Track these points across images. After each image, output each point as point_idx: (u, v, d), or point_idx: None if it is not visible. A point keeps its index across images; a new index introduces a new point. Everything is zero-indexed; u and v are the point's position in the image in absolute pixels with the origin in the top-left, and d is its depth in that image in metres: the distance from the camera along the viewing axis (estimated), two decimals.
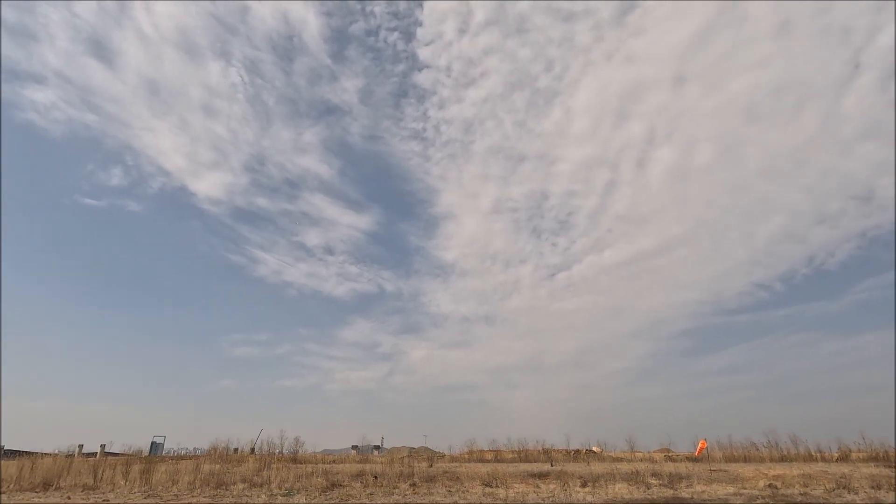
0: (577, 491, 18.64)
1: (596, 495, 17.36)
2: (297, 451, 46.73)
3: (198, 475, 24.33)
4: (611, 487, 19.22)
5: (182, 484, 23.06)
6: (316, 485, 21.14)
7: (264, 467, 28.93)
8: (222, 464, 31.37)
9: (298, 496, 18.41)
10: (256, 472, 25.95)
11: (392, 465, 27.03)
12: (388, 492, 19.17)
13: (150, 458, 41.31)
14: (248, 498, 18.42)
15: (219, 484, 22.70)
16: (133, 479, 24.62)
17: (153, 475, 24.97)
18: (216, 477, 24.06)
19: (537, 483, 21.04)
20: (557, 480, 21.40)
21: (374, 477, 22.96)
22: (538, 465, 35.70)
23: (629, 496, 17.15)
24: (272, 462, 33.26)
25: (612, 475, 22.37)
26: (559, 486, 19.92)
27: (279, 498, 18.10)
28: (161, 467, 27.36)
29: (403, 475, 23.55)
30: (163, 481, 23.84)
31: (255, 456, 41.51)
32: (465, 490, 19.28)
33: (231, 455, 42.59)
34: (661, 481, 20.70)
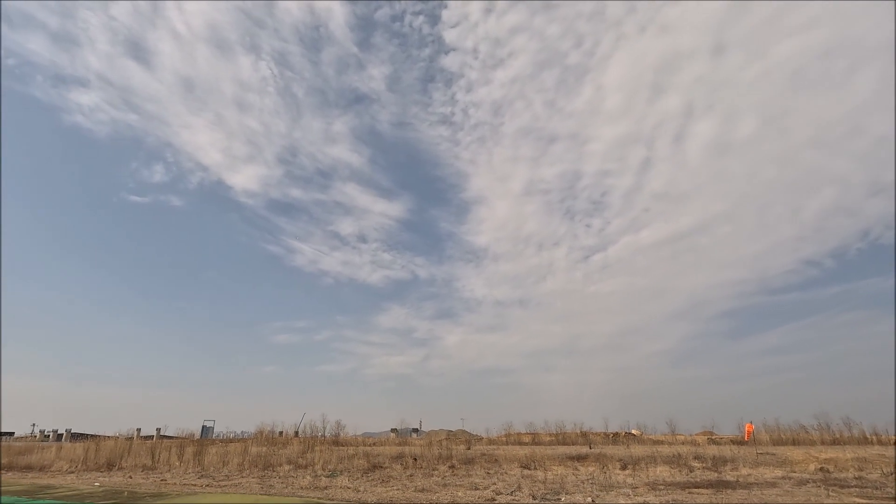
0: (616, 473, 18.49)
1: (636, 478, 17.16)
2: (338, 433, 48.21)
3: (246, 457, 25.47)
4: (652, 470, 18.96)
5: (232, 465, 24.20)
6: (358, 466, 21.77)
7: (308, 449, 29.95)
8: (268, 446, 32.69)
9: (341, 477, 18.99)
10: (301, 455, 26.90)
11: (431, 448, 27.50)
12: (428, 473, 19.53)
13: (202, 440, 43.50)
14: (294, 479, 19.13)
15: (266, 465, 23.70)
16: (187, 460, 26.01)
17: (205, 457, 26.31)
18: (263, 459, 25.12)
19: (576, 465, 20.98)
20: (596, 463, 21.27)
21: (413, 459, 23.41)
22: (576, 448, 35.55)
23: (671, 479, 16.88)
24: (315, 444, 34.39)
25: (652, 458, 22.05)
26: (598, 468, 19.80)
27: (323, 479, 18.73)
28: (212, 449, 28.78)
29: (442, 457, 23.93)
30: (214, 462, 25.08)
31: (299, 439, 43.01)
32: (503, 472, 19.43)
33: (276, 438, 44.32)
34: (705, 464, 20.26)
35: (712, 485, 15.27)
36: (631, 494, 13.49)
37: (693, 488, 14.71)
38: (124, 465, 26.31)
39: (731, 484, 15.51)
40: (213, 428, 69.41)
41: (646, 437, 52.37)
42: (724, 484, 15.47)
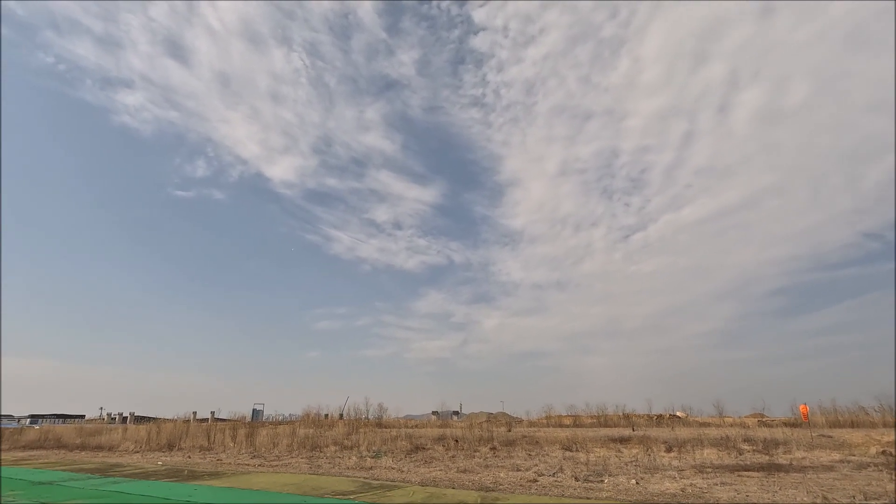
0: (661, 456, 18.18)
1: (682, 460, 16.83)
2: (381, 416, 49.53)
3: (294, 438, 26.56)
4: (698, 453, 18.54)
5: (282, 446, 25.31)
6: (401, 447, 22.31)
7: (353, 431, 30.92)
8: (315, 428, 33.95)
9: (385, 458, 19.52)
10: (346, 436, 27.80)
11: (472, 430, 27.86)
12: (470, 455, 19.80)
13: (253, 423, 45.63)
14: (340, 459, 19.82)
15: (313, 446, 24.65)
16: (240, 441, 27.38)
17: (256, 438, 27.61)
18: (310, 440, 26.13)
19: (619, 448, 20.77)
20: (640, 445, 20.97)
21: (455, 441, 23.78)
22: (619, 430, 35.16)
23: (719, 462, 16.45)
24: (359, 426, 35.48)
25: (699, 440, 21.54)
26: (642, 450, 19.53)
27: (368, 459, 19.31)
28: (262, 431, 30.15)
29: (483, 439, 24.20)
30: (265, 443, 26.29)
31: (343, 421, 44.46)
32: (544, 454, 19.47)
33: (322, 420, 45.94)
34: (755, 447, 19.63)
35: (764, 468, 14.79)
36: (677, 477, 13.25)
37: (743, 471, 14.29)
38: (183, 445, 27.95)
39: (784, 467, 14.98)
40: (262, 411, 72.69)
41: (691, 419, 51.19)
42: (777, 467, 14.96)
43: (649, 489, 11.65)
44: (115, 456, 24.77)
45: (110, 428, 42.96)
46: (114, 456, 24.78)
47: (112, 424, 62.31)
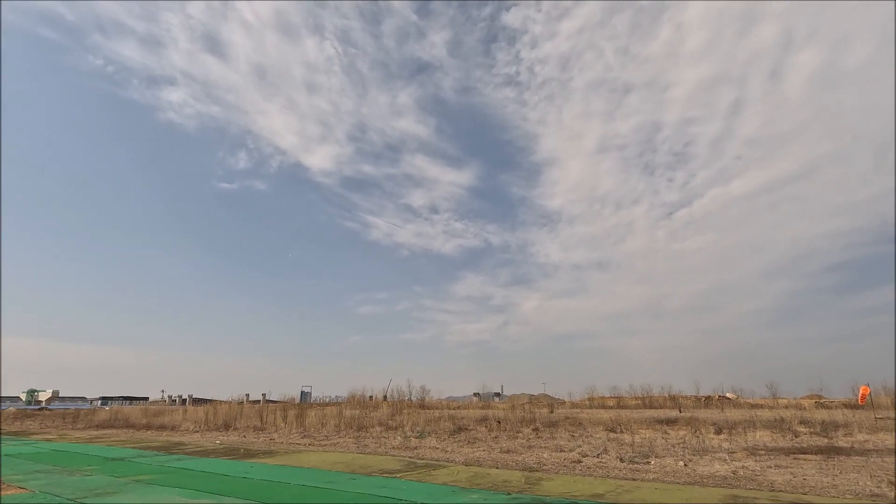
0: (710, 438, 17.71)
1: (733, 442, 16.34)
2: (423, 398, 50.39)
3: (341, 419, 27.50)
4: (750, 435, 17.94)
5: (330, 426, 26.27)
6: (444, 428, 22.71)
7: (396, 412, 31.70)
8: (361, 409, 35.02)
9: (429, 438, 19.94)
10: (390, 417, 28.54)
11: (514, 411, 28.01)
12: (512, 436, 19.94)
13: (302, 404, 47.51)
14: (386, 439, 20.39)
15: (359, 427, 25.46)
16: (290, 421, 28.60)
17: (305, 419, 28.76)
18: (357, 421, 26.99)
19: (665, 429, 20.37)
20: (688, 427, 20.49)
21: (497, 422, 23.98)
22: (665, 412, 34.46)
23: (773, 444, 15.87)
24: (403, 408, 36.31)
25: (751, 422, 20.83)
26: (690, 432, 19.08)
27: (412, 439, 19.78)
28: (311, 412, 31.36)
29: (525, 420, 24.29)
30: (314, 424, 27.36)
31: (387, 402, 45.61)
32: (588, 435, 19.35)
33: (367, 402, 47.30)
34: (813, 429, 18.80)
35: (822, 451, 14.17)
36: (727, 459, 12.89)
37: (799, 454, 13.74)
38: (238, 425, 29.48)
39: (845, 450, 14.29)
40: (310, 393, 75.50)
41: (742, 400, 49.50)
42: (836, 450, 14.29)
43: (698, 471, 11.41)
44: (177, 435, 26.43)
45: (172, 409, 45.83)
46: (176, 435, 26.45)
47: (173, 406, 66.42)
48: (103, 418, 40.26)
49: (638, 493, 9.07)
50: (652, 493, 9.13)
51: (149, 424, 33.43)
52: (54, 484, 10.76)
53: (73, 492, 9.74)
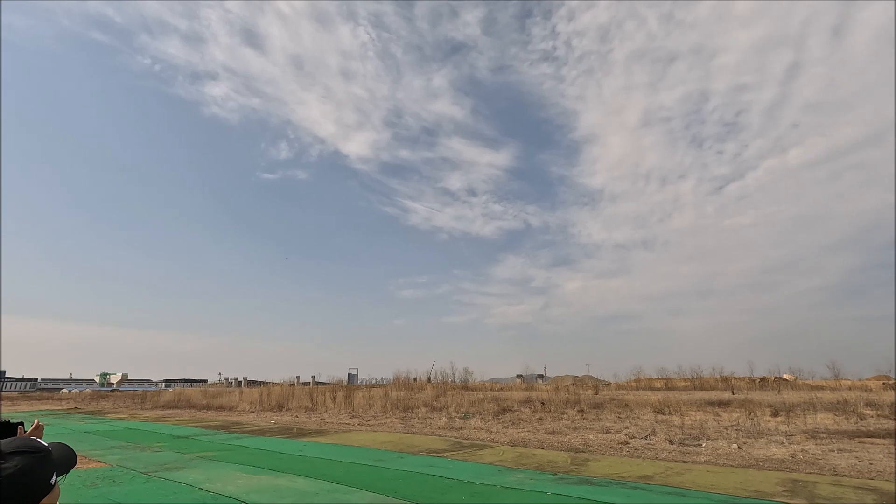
0: (766, 420, 17.03)
1: (791, 425, 15.65)
2: (467, 379, 50.96)
3: (388, 400, 28.23)
4: (810, 417, 17.12)
5: (377, 407, 27.04)
6: (488, 409, 22.92)
7: (441, 394, 32.22)
8: (406, 391, 35.79)
9: (474, 419, 20.19)
10: (435, 398, 29.04)
11: (558, 393, 27.88)
12: (557, 417, 19.88)
13: (349, 386, 49.07)
14: (431, 420, 20.80)
15: (405, 408, 26.06)
16: (339, 402, 29.63)
17: (353, 400, 29.71)
18: (402, 402, 27.63)
19: (717, 411, 19.75)
20: (741, 409, 19.78)
21: (541, 403, 23.96)
22: (716, 394, 33.39)
23: (836, 427, 15.09)
24: (447, 390, 36.85)
25: (810, 404, 19.87)
26: (744, 414, 18.41)
27: (457, 420, 20.09)
28: (358, 394, 32.36)
29: (570, 402, 24.14)
30: (361, 405, 28.23)
31: (432, 384, 46.39)
32: (635, 417, 19.03)
33: (412, 384, 48.26)
34: (881, 412, 17.74)
35: (891, 434, 13.36)
36: (785, 442, 12.38)
37: (865, 438, 13.02)
38: (290, 406, 30.82)
39: None
40: (357, 375, 77.86)
41: (801, 382, 47.21)
42: None
43: (753, 454, 11.03)
44: (234, 415, 27.95)
45: (229, 391, 48.44)
46: (234, 415, 27.97)
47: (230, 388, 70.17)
48: (168, 399, 43.10)
49: (689, 476, 8.88)
50: (704, 475, 8.92)
51: (209, 405, 35.51)
52: (129, 458, 11.66)
53: (145, 466, 10.52)
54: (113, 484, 8.60)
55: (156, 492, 7.93)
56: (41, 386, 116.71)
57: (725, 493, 7.49)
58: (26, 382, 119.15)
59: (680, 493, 7.52)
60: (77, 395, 69.37)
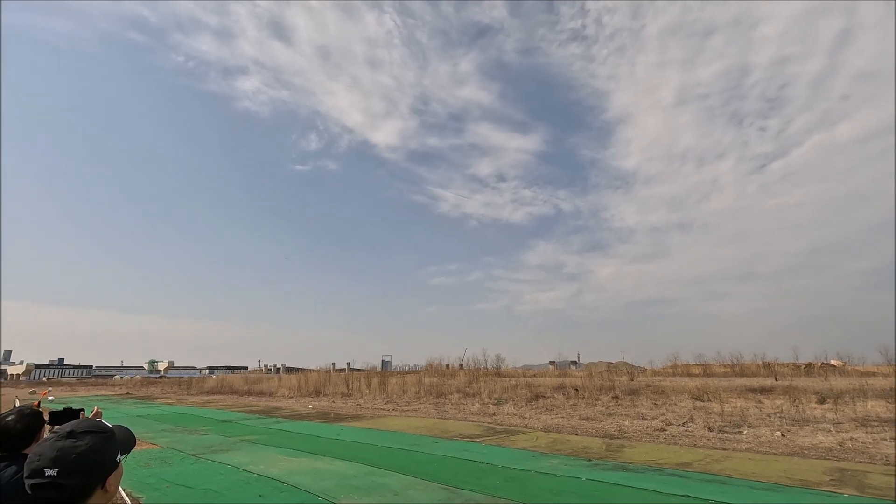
0: (812, 407, 16.41)
1: (839, 413, 15.02)
2: (499, 366, 51.07)
3: (421, 386, 28.63)
4: (860, 405, 16.39)
5: (410, 393, 27.47)
6: (521, 395, 22.95)
7: (473, 380, 32.43)
8: (438, 377, 36.20)
9: (507, 405, 20.26)
10: (467, 384, 29.27)
11: (592, 379, 27.63)
12: (591, 403, 19.73)
13: (384, 372, 49.98)
14: (464, 405, 20.99)
15: (438, 394, 26.38)
16: (374, 388, 30.24)
17: (388, 386, 30.27)
18: (435, 388, 27.97)
19: (759, 398, 19.16)
20: (785, 396, 19.13)
21: (574, 389, 23.81)
22: (758, 380, 32.37)
23: (888, 415, 14.40)
24: (479, 376, 37.03)
25: (860, 391, 19.02)
26: (788, 401, 17.79)
27: (490, 406, 20.21)
28: (392, 380, 32.95)
29: (604, 388, 23.89)
30: (395, 391, 28.74)
31: (464, 371, 46.73)
32: (672, 403, 18.69)
33: (444, 370, 48.76)
34: None
35: None
36: (832, 430, 11.91)
37: None
38: (327, 392, 31.67)
39: None
40: (390, 361, 79.18)
41: (850, 368, 45.17)
42: None
43: (798, 442, 10.67)
44: (274, 400, 28.94)
45: (268, 377, 50.13)
46: (273, 400, 28.97)
47: (269, 374, 72.61)
48: (211, 385, 44.99)
49: (729, 463, 8.68)
50: (745, 463, 8.71)
51: (250, 391, 36.88)
52: (178, 441, 12.28)
53: (193, 448, 11.07)
54: (164, 465, 9.09)
55: (203, 472, 8.34)
56: (96, 373, 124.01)
57: (768, 482, 7.30)
58: (82, 369, 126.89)
59: (720, 481, 7.37)
60: (128, 382, 73.30)
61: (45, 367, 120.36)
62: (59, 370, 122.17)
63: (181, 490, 7.10)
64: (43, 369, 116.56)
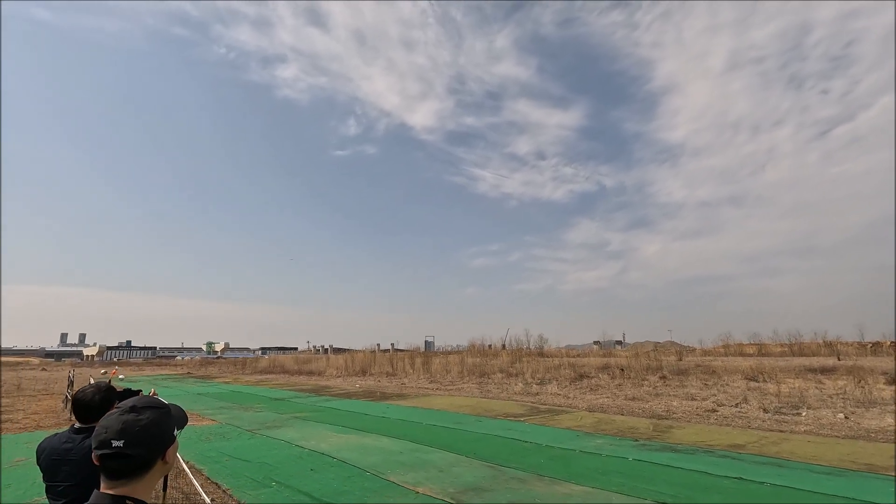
0: (879, 388, 15.43)
1: None
2: (542, 346, 50.75)
3: (464, 366, 28.93)
4: None
5: (453, 373, 27.83)
6: (565, 375, 22.79)
7: (516, 360, 32.42)
8: (481, 357, 36.41)
9: (550, 385, 20.19)
10: (510, 364, 29.30)
11: (638, 359, 27.02)
12: (637, 383, 19.35)
13: (427, 353, 50.77)
14: (507, 385, 21.08)
15: (481, 374, 26.59)
16: (418, 368, 30.84)
17: (431, 366, 30.78)
18: (478, 368, 28.19)
19: (819, 379, 18.19)
20: (849, 376, 18.06)
21: (620, 369, 23.39)
22: (819, 360, 30.70)
23: None
24: (522, 356, 36.99)
25: None
26: (852, 382, 16.80)
27: (533, 386, 20.20)
28: (435, 360, 33.43)
29: (651, 368, 23.34)
30: (439, 370, 29.20)
31: (506, 351, 46.78)
32: (723, 384, 18.05)
33: (487, 350, 48.98)
34: None
35: None
36: None
37: None
38: (373, 371, 32.57)
39: None
40: (433, 342, 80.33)
41: None
42: None
43: (863, 425, 10.09)
44: (323, 380, 30.06)
45: (317, 357, 52.00)
46: (322, 380, 30.09)
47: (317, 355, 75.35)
48: (264, 365, 47.21)
49: (786, 446, 8.33)
50: (803, 445, 8.33)
51: (300, 370, 38.45)
52: (235, 418, 13.00)
53: (249, 424, 11.69)
54: (223, 439, 9.66)
55: (259, 447, 8.81)
56: (159, 354, 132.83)
57: (829, 465, 6.96)
58: (148, 350, 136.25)
59: (776, 464, 7.09)
60: (189, 362, 78.01)
61: (114, 348, 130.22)
62: (127, 351, 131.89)
63: (239, 463, 7.53)
64: (113, 350, 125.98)
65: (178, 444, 1.19)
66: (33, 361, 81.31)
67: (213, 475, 6.75)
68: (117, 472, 1.04)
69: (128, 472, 1.05)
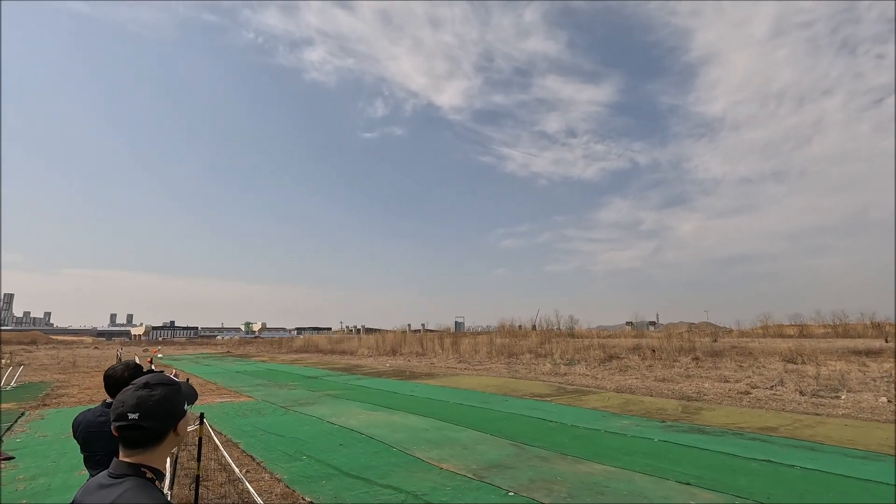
0: None
1: None
2: (572, 327, 50.40)
3: (492, 347, 29.11)
4: None
5: (482, 353, 28.06)
6: (594, 356, 22.65)
7: (545, 341, 32.37)
8: (510, 338, 36.51)
9: (579, 366, 20.12)
10: (539, 345, 29.29)
11: (670, 340, 26.51)
12: (668, 365, 19.06)
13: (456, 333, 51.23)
14: (536, 366, 21.13)
15: (510, 354, 26.71)
16: (447, 348, 31.22)
17: (460, 346, 31.10)
18: (507, 348, 28.32)
19: (863, 361, 17.47)
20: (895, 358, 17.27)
21: (651, 350, 23.06)
22: (864, 342, 29.41)
23: None
24: (551, 337, 36.88)
25: None
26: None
27: (562, 367, 20.18)
28: (465, 340, 33.73)
29: (683, 349, 22.90)
30: (468, 350, 29.48)
31: (536, 332, 46.70)
32: (760, 365, 17.56)
33: (516, 331, 49.03)
34: None
35: None
36: None
37: None
38: (403, 351, 33.18)
39: None
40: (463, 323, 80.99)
41: None
42: None
43: None
44: (354, 359, 30.84)
45: (349, 337, 53.34)
46: (354, 359, 30.88)
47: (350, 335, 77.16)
48: (299, 345, 48.73)
49: (821, 429, 8.10)
50: (840, 429, 8.08)
51: (333, 350, 39.52)
52: (271, 395, 13.55)
53: (284, 401, 12.17)
54: (259, 415, 10.11)
55: (293, 423, 9.18)
56: (201, 333, 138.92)
57: (866, 450, 6.74)
58: (190, 331, 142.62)
59: (809, 447, 6.92)
60: (228, 342, 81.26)
61: (159, 328, 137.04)
62: (171, 331, 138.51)
63: (273, 438, 7.89)
64: (158, 330, 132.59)
65: (189, 418, 1.28)
66: (87, 340, 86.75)
67: (248, 448, 7.12)
68: (133, 442, 1.14)
69: (143, 442, 1.15)
